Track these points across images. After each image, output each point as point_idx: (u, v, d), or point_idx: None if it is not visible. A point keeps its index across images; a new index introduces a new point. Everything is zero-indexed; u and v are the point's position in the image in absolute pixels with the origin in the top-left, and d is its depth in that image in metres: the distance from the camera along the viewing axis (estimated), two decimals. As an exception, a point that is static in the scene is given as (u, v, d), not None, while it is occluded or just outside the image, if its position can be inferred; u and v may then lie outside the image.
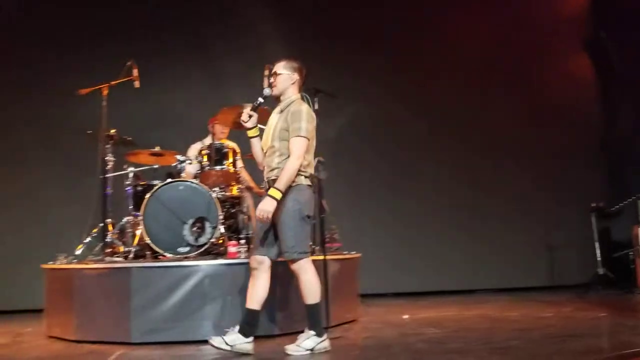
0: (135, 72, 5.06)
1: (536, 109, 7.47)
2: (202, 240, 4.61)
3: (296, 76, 3.65)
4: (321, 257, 4.30)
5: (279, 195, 3.39)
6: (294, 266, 3.50)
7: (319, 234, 5.16)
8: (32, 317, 5.41)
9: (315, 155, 4.38)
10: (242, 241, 4.60)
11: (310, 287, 3.50)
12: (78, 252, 4.93)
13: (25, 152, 6.51)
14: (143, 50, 6.25)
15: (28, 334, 4.76)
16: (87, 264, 4.48)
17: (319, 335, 3.50)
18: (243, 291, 4.12)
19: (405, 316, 5.07)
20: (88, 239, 5.02)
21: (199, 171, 5.16)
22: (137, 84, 5.09)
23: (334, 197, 4.82)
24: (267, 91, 3.62)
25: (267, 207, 3.38)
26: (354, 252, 5.24)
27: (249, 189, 5.45)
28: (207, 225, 4.63)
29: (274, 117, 3.63)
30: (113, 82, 4.99)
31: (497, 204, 7.34)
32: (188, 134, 5.94)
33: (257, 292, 3.56)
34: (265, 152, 3.61)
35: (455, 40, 7.44)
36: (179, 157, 5.15)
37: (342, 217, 5.88)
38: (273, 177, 3.50)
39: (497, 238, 7.26)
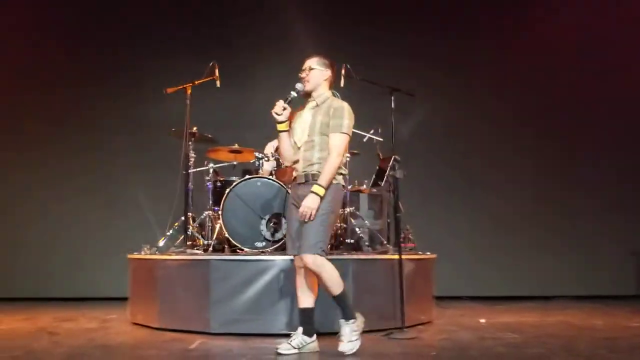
0: (217, 72, 5.21)
1: (619, 106, 7.12)
2: (278, 235, 4.69)
3: (328, 72, 3.62)
4: (396, 257, 4.28)
5: (322, 192, 3.36)
6: (313, 263, 3.37)
7: (394, 234, 5.15)
8: (116, 305, 5.70)
9: (392, 154, 4.38)
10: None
11: (333, 279, 3.43)
12: (161, 243, 5.13)
13: (113, 149, 6.81)
14: (223, 50, 6.45)
15: (113, 320, 4.99)
16: (169, 255, 4.65)
17: (353, 318, 3.49)
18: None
19: (482, 320, 4.94)
20: (170, 232, 5.22)
21: (275, 168, 5.25)
22: (218, 83, 5.24)
23: (408, 196, 4.78)
24: (299, 86, 3.56)
25: (312, 204, 3.34)
26: (429, 253, 5.17)
27: None
28: (283, 221, 4.72)
29: (308, 113, 3.58)
30: (196, 82, 5.16)
31: (579, 208, 7.02)
32: (266, 131, 6.04)
33: (307, 289, 3.56)
34: (300, 147, 3.53)
35: (537, 45, 7.20)
36: (256, 154, 5.26)
37: (417, 217, 5.84)
38: (313, 172, 3.45)
39: (580, 243, 6.94)
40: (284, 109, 3.50)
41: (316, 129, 3.48)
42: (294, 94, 3.54)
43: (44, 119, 6.90)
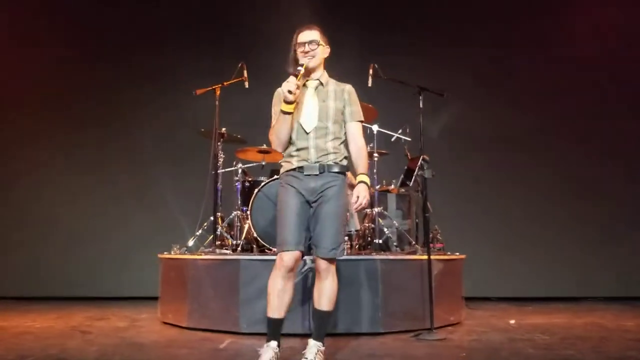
0: (245, 72, 5.24)
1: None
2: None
3: (328, 49, 3.30)
4: (425, 257, 4.26)
5: (369, 181, 3.17)
6: (329, 267, 3.04)
7: (422, 234, 5.13)
8: (145, 304, 5.79)
9: (420, 154, 4.36)
10: (346, 238, 4.63)
11: (335, 291, 3.11)
12: (190, 243, 5.19)
13: (144, 149, 6.89)
14: (251, 51, 6.49)
15: (144, 319, 5.06)
16: (199, 254, 4.69)
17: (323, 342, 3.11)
18: (345, 287, 4.16)
19: (512, 321, 4.89)
20: (199, 232, 5.27)
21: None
22: (247, 84, 5.27)
23: (436, 196, 4.75)
24: (305, 60, 3.16)
25: (367, 195, 3.10)
26: (458, 253, 5.13)
27: (350, 186, 5.49)
28: (311, 221, 4.72)
29: (311, 94, 3.19)
30: (226, 83, 5.20)
31: (610, 209, 6.90)
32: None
33: (290, 296, 3.13)
34: (309, 133, 3.11)
35: (568, 47, 7.10)
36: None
37: (445, 217, 5.81)
38: (329, 163, 3.08)
39: (610, 244, 6.81)
40: (298, 87, 3.07)
41: (330, 115, 3.14)
42: (301, 69, 3.13)
43: (76, 121, 7.03)
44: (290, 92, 3.03)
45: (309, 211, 3.08)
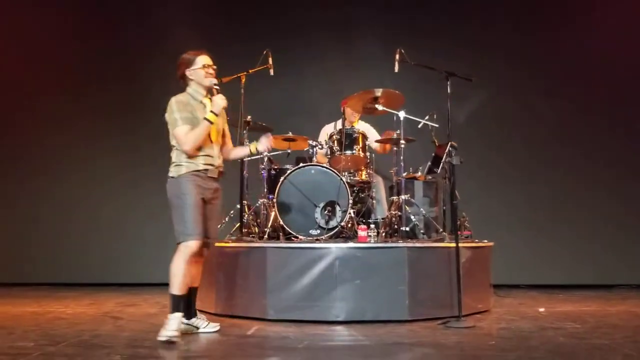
0: (270, 60, 5.23)
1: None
2: (333, 223, 4.71)
3: None
4: (453, 245, 4.22)
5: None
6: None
7: (449, 221, 5.08)
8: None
9: (448, 141, 4.30)
10: (372, 225, 4.61)
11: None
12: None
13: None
14: (277, 38, 6.47)
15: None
16: (227, 242, 4.73)
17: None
18: (373, 275, 4.19)
19: (542, 309, 4.82)
20: (226, 219, 5.30)
21: (329, 155, 5.25)
22: (272, 71, 5.26)
23: (463, 183, 4.68)
24: (214, 80, 3.81)
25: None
26: (486, 241, 5.07)
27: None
28: (338, 209, 4.73)
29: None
30: (251, 70, 5.19)
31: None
32: (320, 119, 6.07)
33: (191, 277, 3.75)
34: (213, 142, 3.77)
35: (604, 34, 6.90)
36: (310, 142, 5.28)
37: (473, 204, 5.74)
38: (222, 169, 3.85)
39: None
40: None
41: (223, 127, 3.89)
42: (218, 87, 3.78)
43: (103, 113, 7.11)
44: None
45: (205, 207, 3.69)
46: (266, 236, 4.92)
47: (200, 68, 3.73)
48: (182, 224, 3.58)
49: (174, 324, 3.49)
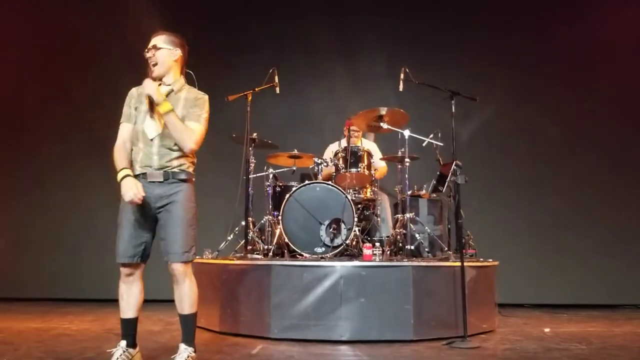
0: (276, 78, 5.27)
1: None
2: (338, 241, 4.71)
3: (178, 52, 3.19)
4: (458, 264, 4.22)
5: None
6: (185, 271, 3.33)
7: (454, 239, 5.07)
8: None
9: (452, 159, 4.31)
10: (377, 244, 4.62)
11: (195, 291, 3.40)
12: (221, 247, 5.22)
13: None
14: (282, 57, 6.51)
15: (176, 322, 5.08)
16: (231, 259, 4.72)
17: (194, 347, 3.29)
18: (378, 294, 4.18)
19: (547, 329, 4.81)
20: (231, 236, 5.30)
21: (334, 173, 5.27)
22: (278, 89, 5.30)
23: (468, 201, 4.70)
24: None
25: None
26: (491, 260, 5.06)
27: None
28: (343, 226, 4.73)
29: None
30: (257, 89, 5.23)
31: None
32: (324, 137, 6.10)
33: (139, 299, 3.40)
34: (153, 139, 3.16)
35: (608, 43, 6.97)
36: (316, 159, 5.30)
37: (477, 223, 5.74)
38: (174, 170, 3.27)
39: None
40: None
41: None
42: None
43: (108, 123, 7.12)
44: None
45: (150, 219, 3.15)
46: (271, 253, 4.92)
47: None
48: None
49: (115, 354, 3.23)
